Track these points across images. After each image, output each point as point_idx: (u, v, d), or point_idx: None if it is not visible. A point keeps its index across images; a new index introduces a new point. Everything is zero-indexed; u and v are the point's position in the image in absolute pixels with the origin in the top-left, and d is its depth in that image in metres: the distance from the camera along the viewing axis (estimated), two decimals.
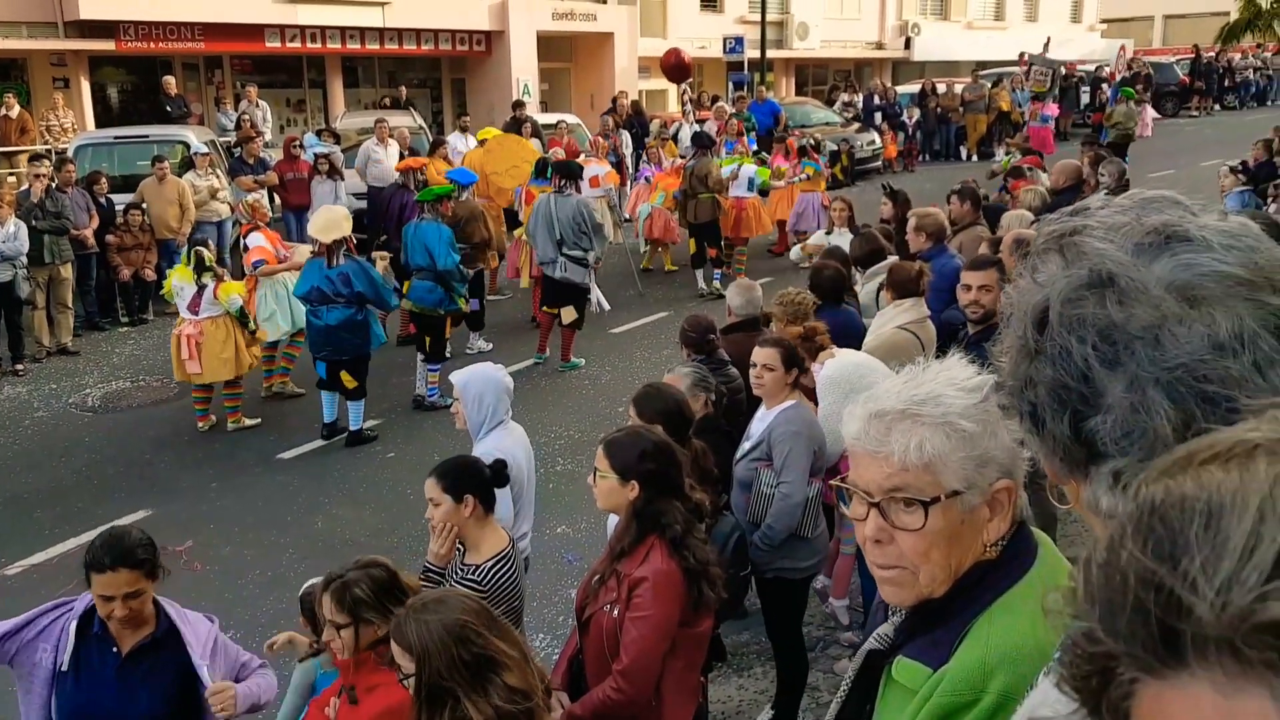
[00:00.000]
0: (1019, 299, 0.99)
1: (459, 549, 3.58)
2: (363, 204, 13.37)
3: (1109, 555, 0.57)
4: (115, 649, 3.11)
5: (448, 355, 9.33)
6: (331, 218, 8.02)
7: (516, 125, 15.68)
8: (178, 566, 6.30)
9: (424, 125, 17.77)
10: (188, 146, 13.26)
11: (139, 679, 3.10)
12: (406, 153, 14.92)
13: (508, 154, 12.31)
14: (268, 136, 16.26)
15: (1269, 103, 32.72)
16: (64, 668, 3.05)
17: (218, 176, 12.80)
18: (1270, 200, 9.41)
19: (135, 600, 3.02)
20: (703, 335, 5.33)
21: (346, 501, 7.20)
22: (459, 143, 15.86)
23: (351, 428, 8.21)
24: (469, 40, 23.02)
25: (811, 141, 14.76)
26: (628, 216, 14.16)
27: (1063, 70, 24.33)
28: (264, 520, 6.92)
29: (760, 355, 4.45)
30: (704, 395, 4.60)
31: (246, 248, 8.89)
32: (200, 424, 8.59)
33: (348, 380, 8.01)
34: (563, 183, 9.85)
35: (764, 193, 13.57)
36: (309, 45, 20.86)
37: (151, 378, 10.03)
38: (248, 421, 8.62)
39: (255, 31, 19.82)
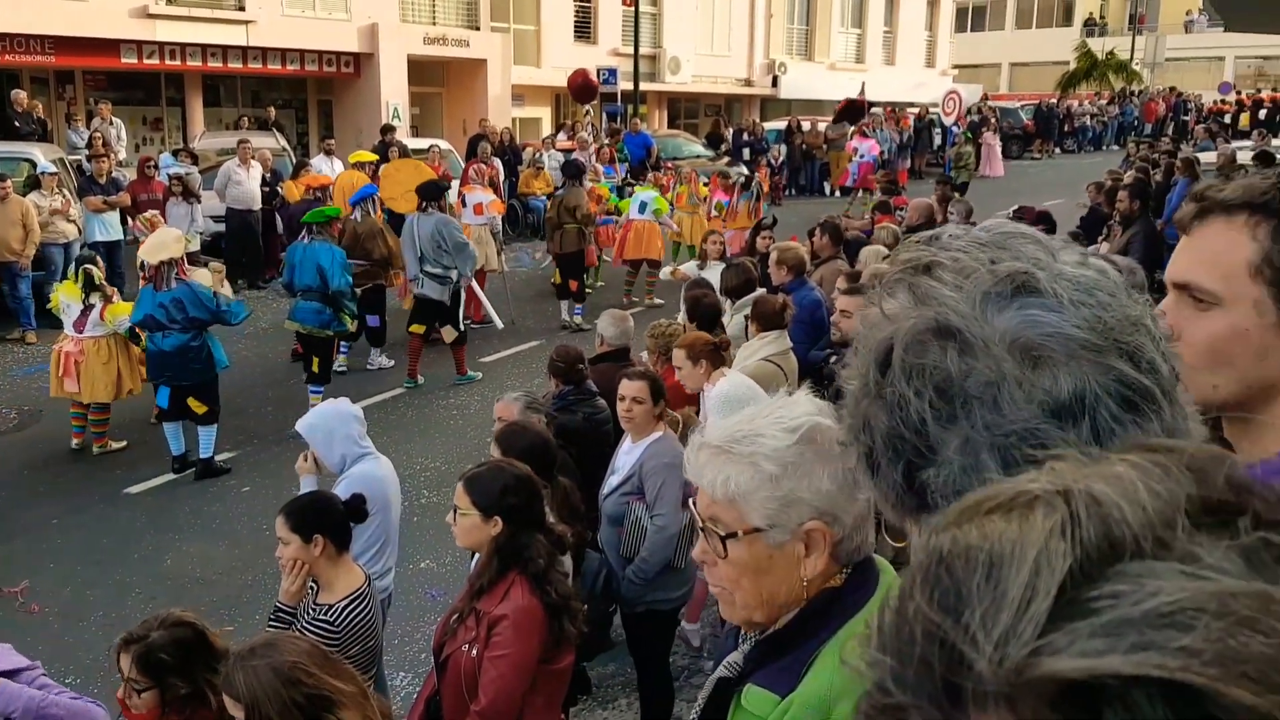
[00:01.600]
0: (867, 332, 0.92)
1: (311, 587, 3.48)
2: (220, 227, 12.94)
3: (899, 605, 0.56)
4: None
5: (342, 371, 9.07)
6: (161, 239, 7.80)
7: (385, 150, 15.47)
8: (13, 609, 5.96)
9: (288, 147, 17.33)
10: (34, 164, 12.56)
11: None
12: (269, 175, 14.57)
13: (404, 178, 12.27)
14: (121, 155, 15.60)
15: (1104, 147, 34.95)
16: None
17: (65, 196, 12.16)
18: (1101, 240, 10.02)
19: None
20: (571, 365, 5.34)
21: (198, 538, 6.89)
22: (324, 166, 15.54)
23: (202, 455, 7.86)
24: (337, 62, 22.59)
25: (742, 178, 14.93)
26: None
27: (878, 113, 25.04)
28: (108, 559, 6.57)
29: (629, 388, 4.45)
30: (536, 417, 4.64)
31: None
32: (74, 442, 8.30)
33: (196, 406, 7.70)
34: (424, 203, 9.91)
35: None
36: (168, 62, 20.10)
37: None
38: (114, 445, 8.31)
39: (110, 46, 18.98)
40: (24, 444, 8.57)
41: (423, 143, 17.69)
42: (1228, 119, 34.71)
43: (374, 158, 14.23)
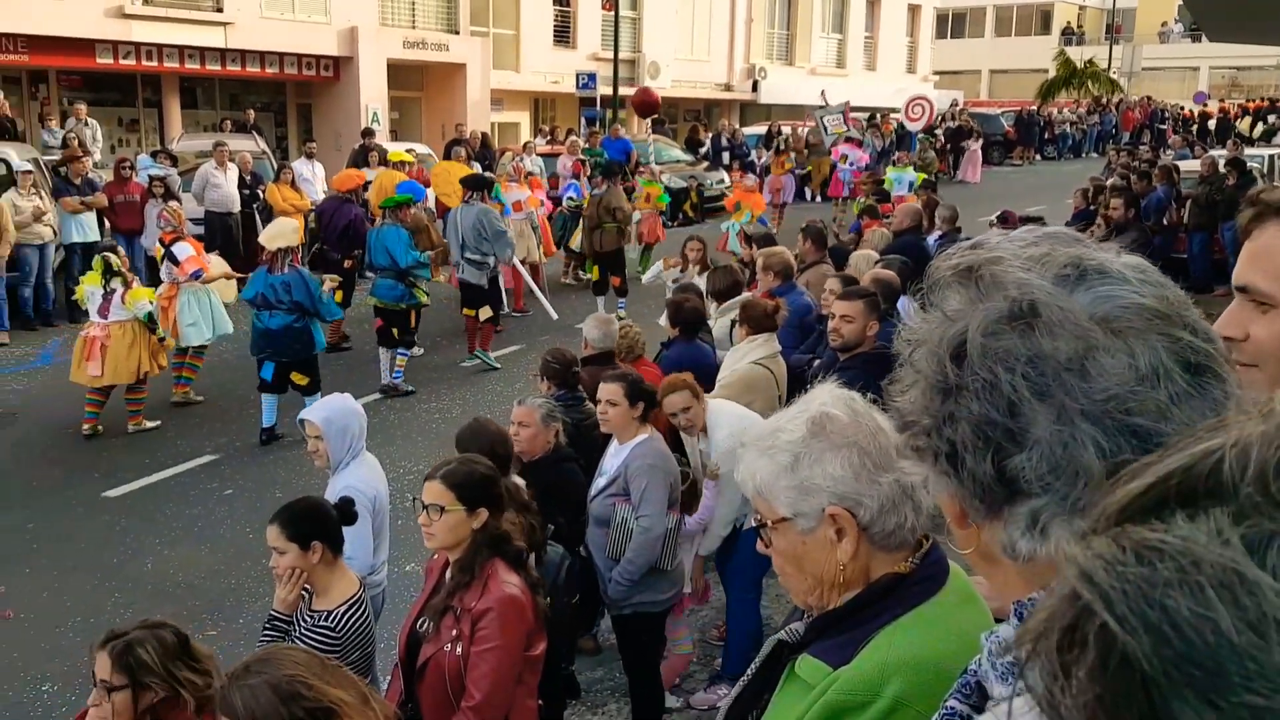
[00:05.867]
0: (927, 333, 0.95)
1: (305, 594, 3.42)
2: (199, 230, 12.80)
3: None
4: None
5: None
6: (280, 229, 8.55)
7: (364, 154, 15.40)
8: None
9: (268, 150, 17.19)
10: (7, 165, 12.40)
11: None
12: (249, 177, 14.46)
13: (453, 178, 13.13)
14: (97, 156, 15.42)
15: (1083, 154, 35.26)
16: None
17: (42, 197, 12.00)
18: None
19: None
20: (566, 368, 5.31)
21: (179, 542, 6.78)
22: (305, 169, 15.45)
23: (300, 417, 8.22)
24: (316, 65, 22.46)
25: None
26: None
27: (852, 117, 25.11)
28: (86, 564, 6.45)
29: (603, 390, 4.43)
30: (555, 426, 4.63)
31: (174, 257, 9.02)
32: (85, 427, 8.51)
33: (299, 379, 8.36)
34: (469, 194, 10.68)
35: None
36: (144, 63, 19.89)
37: None
38: (148, 424, 8.69)
39: (86, 46, 18.76)
40: None
41: (401, 146, 17.60)
42: (1195, 128, 35.16)
43: (409, 158, 15.67)
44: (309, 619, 3.34)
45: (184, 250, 9.03)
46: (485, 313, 10.68)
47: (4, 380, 10.15)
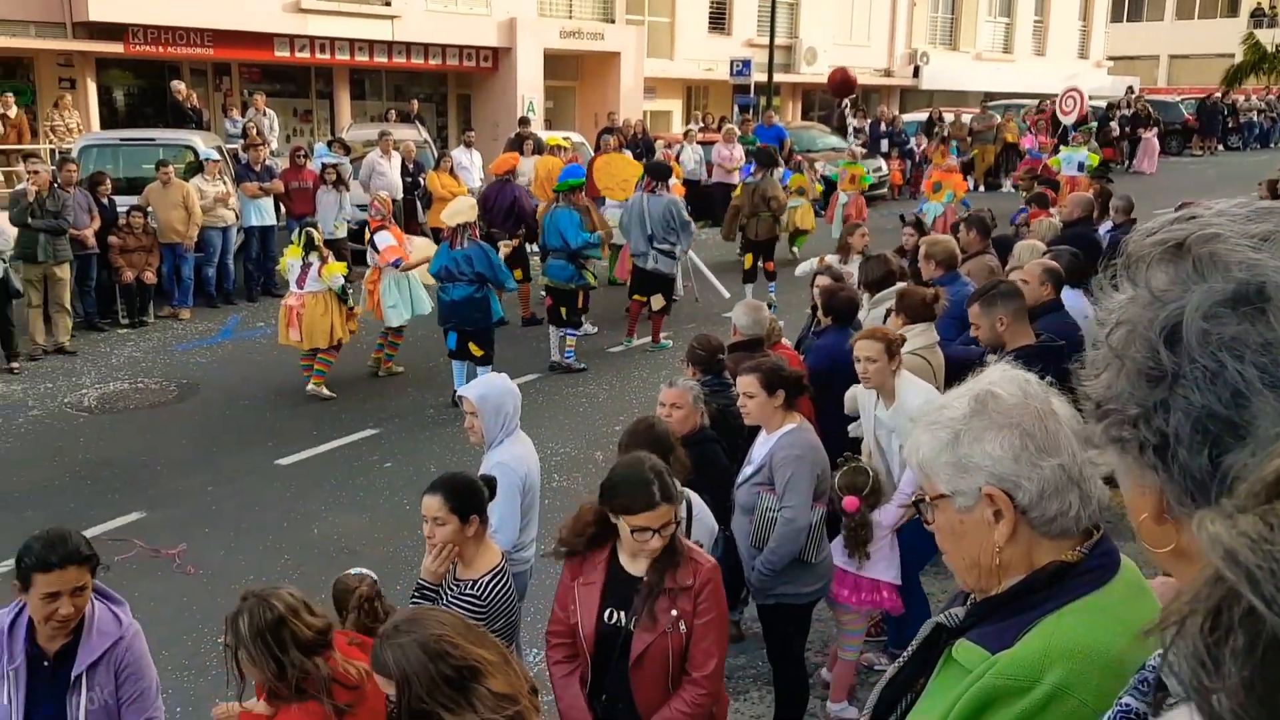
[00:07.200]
0: (1131, 314, 0.88)
1: (451, 563, 3.53)
2: (365, 215, 13.35)
3: None
4: (41, 653, 3.09)
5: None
6: (459, 206, 9.02)
7: (519, 142, 15.74)
8: (171, 570, 6.28)
9: (429, 139, 17.80)
10: (194, 151, 13.25)
11: (65, 683, 3.07)
12: (411, 165, 15.01)
13: (616, 170, 13.29)
14: (273, 145, 16.28)
15: (1272, 144, 32.87)
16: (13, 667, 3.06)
17: (226, 183, 12.78)
18: None
19: (79, 597, 3.01)
20: (712, 355, 5.31)
21: (343, 509, 7.13)
22: (463, 158, 15.94)
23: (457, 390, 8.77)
24: (476, 56, 23.09)
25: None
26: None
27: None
28: (259, 526, 6.85)
29: (739, 383, 4.40)
30: (702, 408, 4.68)
31: (375, 245, 9.62)
32: (310, 385, 9.43)
33: (474, 350, 8.81)
34: (655, 183, 10.82)
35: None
36: (318, 56, 20.91)
37: (151, 380, 9.97)
38: (325, 391, 9.35)
39: (265, 40, 19.86)
40: (183, 416, 9.04)
41: (556, 135, 17.92)
42: None
43: (565, 143, 15.74)
44: (455, 588, 3.45)
45: (385, 239, 9.54)
46: (658, 301, 10.83)
47: (188, 354, 10.87)
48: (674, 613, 3.10)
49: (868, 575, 4.53)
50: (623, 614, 3.21)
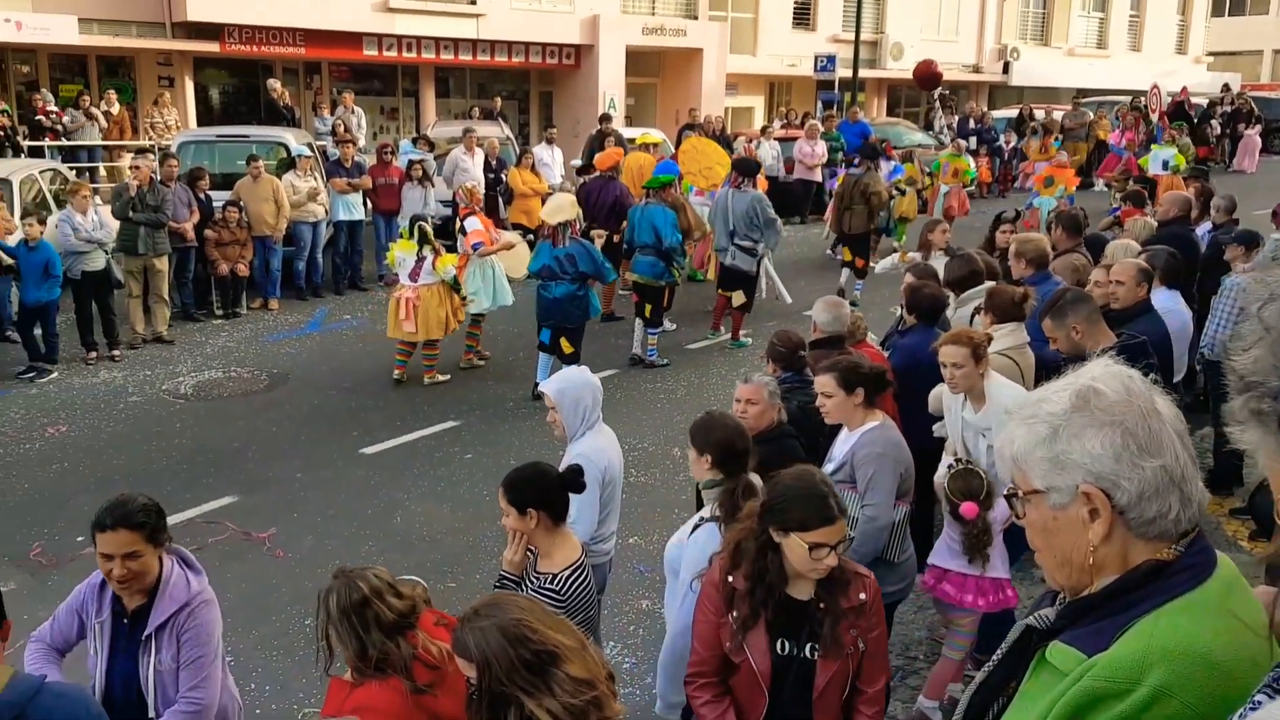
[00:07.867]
0: None
1: (531, 554, 3.56)
2: (448, 211, 13.58)
3: None
4: (121, 610, 3.25)
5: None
6: (559, 203, 9.06)
7: (600, 139, 15.81)
8: (261, 553, 6.47)
9: (511, 136, 18.01)
10: (286, 148, 13.61)
11: (139, 641, 3.22)
12: (495, 162, 15.21)
13: (703, 156, 13.14)
14: (361, 142, 16.64)
15: None
16: (98, 624, 3.24)
17: (317, 179, 13.11)
18: None
19: (133, 561, 3.13)
20: (793, 351, 5.27)
21: (424, 498, 7.26)
22: (545, 154, 16.08)
23: (537, 379, 8.90)
24: (559, 54, 23.28)
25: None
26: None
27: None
28: (345, 513, 7.02)
29: (817, 383, 4.37)
30: (778, 403, 4.64)
31: (464, 230, 9.89)
32: (396, 373, 9.68)
33: (566, 347, 8.84)
34: (741, 179, 10.70)
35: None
36: (405, 55, 21.31)
37: (243, 369, 10.27)
38: (440, 377, 9.66)
39: (354, 39, 20.32)
40: (273, 404, 9.29)
41: (636, 132, 17.96)
42: None
43: (657, 140, 15.82)
44: (535, 579, 3.48)
45: (473, 224, 9.79)
46: (739, 298, 10.78)
47: (277, 345, 11.17)
48: (853, 632, 3.02)
49: (990, 576, 4.44)
50: (790, 642, 3.04)
